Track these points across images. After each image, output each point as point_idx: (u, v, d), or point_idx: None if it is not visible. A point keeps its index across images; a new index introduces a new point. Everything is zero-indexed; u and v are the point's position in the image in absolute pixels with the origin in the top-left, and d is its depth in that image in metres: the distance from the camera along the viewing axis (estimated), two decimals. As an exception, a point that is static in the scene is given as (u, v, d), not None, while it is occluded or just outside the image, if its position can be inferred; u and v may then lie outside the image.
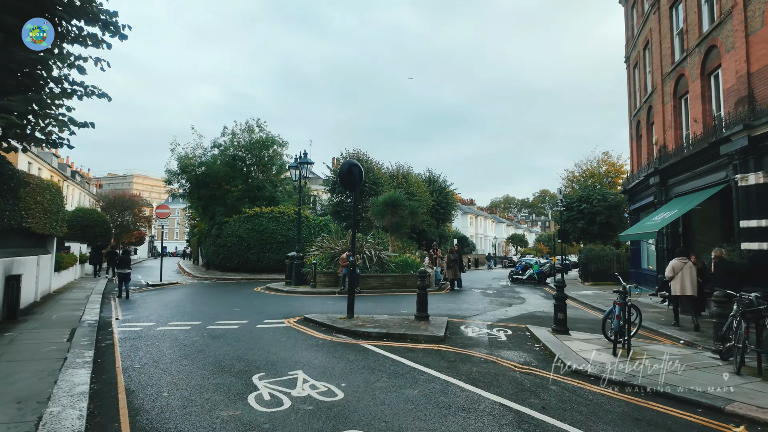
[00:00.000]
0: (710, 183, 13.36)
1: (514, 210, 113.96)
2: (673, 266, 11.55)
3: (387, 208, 18.30)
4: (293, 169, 17.40)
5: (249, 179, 27.40)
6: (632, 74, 21.57)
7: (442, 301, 14.08)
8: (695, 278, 11.24)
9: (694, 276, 11.29)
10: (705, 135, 13.79)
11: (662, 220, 13.78)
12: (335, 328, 8.75)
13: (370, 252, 16.91)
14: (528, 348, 7.85)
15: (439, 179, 37.34)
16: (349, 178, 9.62)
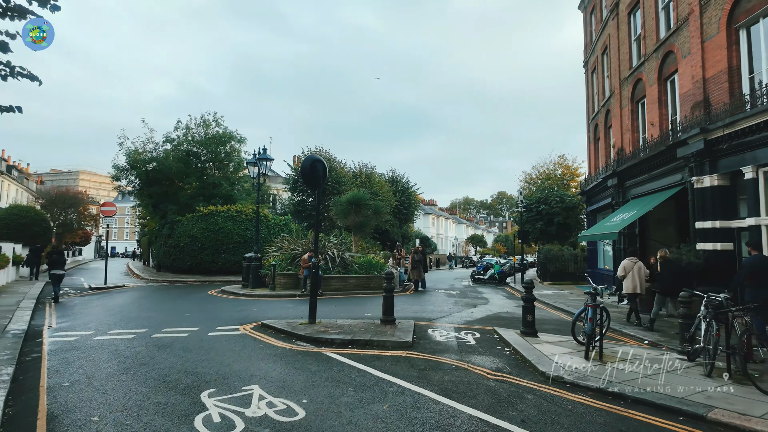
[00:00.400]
0: (667, 185, 13.67)
1: (474, 211, 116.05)
2: (624, 266, 11.73)
3: (351, 208, 17.72)
4: (251, 165, 16.49)
5: (204, 176, 26.01)
6: (590, 79, 22.07)
7: (407, 303, 13.67)
8: (644, 278, 11.46)
9: (643, 275, 11.49)
10: (662, 138, 14.10)
11: (622, 221, 13.98)
12: (295, 334, 8.11)
13: (333, 252, 16.28)
14: (498, 352, 7.53)
15: (402, 179, 37.11)
16: (312, 174, 8.99)
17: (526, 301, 8.63)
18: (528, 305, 8.61)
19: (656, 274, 11.48)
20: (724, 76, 11.48)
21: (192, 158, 25.83)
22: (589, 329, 6.60)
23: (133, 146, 25.22)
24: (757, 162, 10.39)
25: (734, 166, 11.07)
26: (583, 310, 7.75)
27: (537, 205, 27.29)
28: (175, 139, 26.02)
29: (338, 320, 9.65)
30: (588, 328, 6.60)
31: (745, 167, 10.67)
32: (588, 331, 6.59)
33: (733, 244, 11.51)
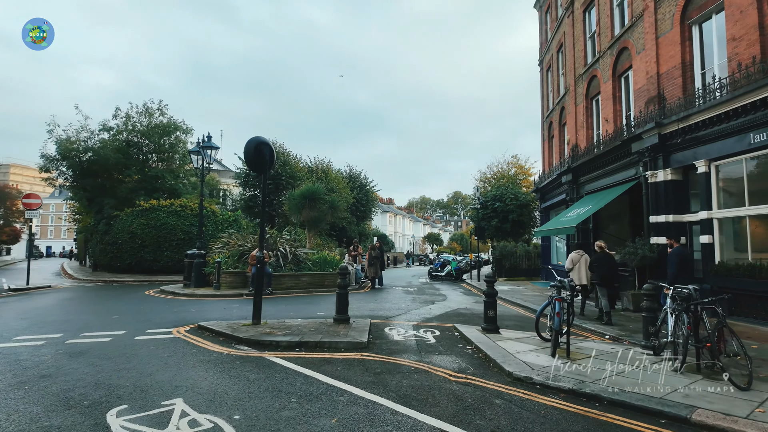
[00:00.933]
0: (621, 180, 13.71)
1: (430, 210, 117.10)
2: (571, 259, 11.80)
3: (305, 202, 16.72)
4: (194, 154, 15.15)
5: (146, 168, 24.06)
6: (545, 77, 22.24)
7: (363, 301, 12.91)
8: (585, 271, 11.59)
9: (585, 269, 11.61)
10: (616, 134, 14.15)
11: (578, 215, 13.90)
12: (236, 337, 7.14)
13: (285, 249, 15.25)
14: (460, 351, 6.92)
15: (360, 176, 36.32)
16: (257, 158, 8.03)
17: (488, 296, 8.10)
18: (490, 300, 8.09)
19: (594, 265, 11.50)
20: (678, 72, 11.53)
21: (133, 149, 23.82)
22: (556, 325, 6.11)
23: (65, 134, 22.90)
24: (709, 156, 10.44)
25: (687, 160, 11.12)
26: (547, 304, 7.30)
27: (492, 202, 27.33)
28: (113, 127, 23.90)
29: (287, 320, 8.73)
30: (556, 323, 6.11)
31: (698, 161, 10.72)
32: (556, 326, 6.10)
33: (685, 238, 11.59)
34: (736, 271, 9.68)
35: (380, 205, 58.73)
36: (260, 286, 8.21)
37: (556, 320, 6.11)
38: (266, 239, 15.42)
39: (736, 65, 9.69)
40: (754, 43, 9.42)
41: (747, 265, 9.48)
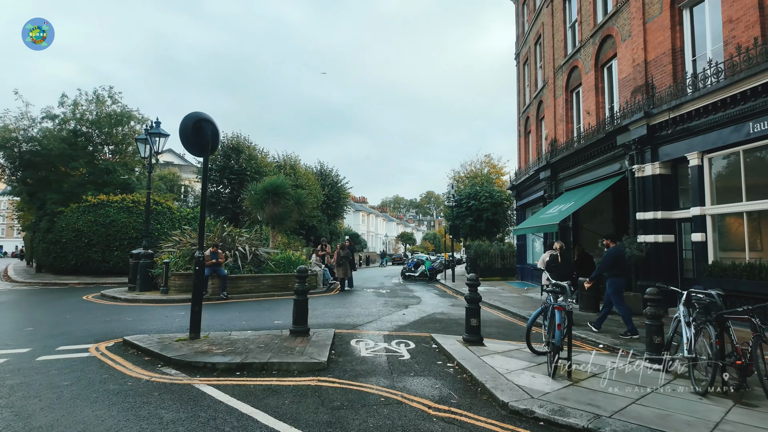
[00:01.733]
0: (605, 175, 12.88)
1: (403, 210, 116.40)
2: (543, 258, 11.35)
3: (267, 197, 15.19)
4: (141, 142, 13.43)
5: (96, 161, 21.92)
6: (522, 71, 21.43)
7: (330, 306, 11.56)
8: None
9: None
10: (599, 127, 13.31)
11: (559, 212, 12.98)
12: (164, 357, 5.69)
13: (244, 248, 13.72)
14: (440, 370, 5.70)
15: (331, 173, 34.81)
16: (196, 137, 6.58)
17: (471, 302, 6.92)
18: (473, 307, 6.91)
19: (551, 266, 10.96)
20: (667, 58, 10.70)
21: (81, 139, 21.60)
22: (557, 340, 4.97)
23: (1, 122, 20.53)
24: (703, 147, 9.61)
25: (678, 153, 10.29)
26: (540, 312, 6.19)
27: (467, 200, 26.46)
28: (59, 116, 21.64)
29: (234, 333, 7.31)
30: (557, 338, 4.96)
31: (689, 153, 9.88)
32: (557, 342, 4.96)
33: (674, 236, 10.79)
34: (732, 272, 8.86)
35: (353, 203, 57.34)
36: (198, 291, 6.76)
37: (557, 334, 4.97)
38: (223, 237, 13.88)
39: (734, 48, 8.87)
40: (753, 24, 8.62)
41: (745, 265, 8.66)
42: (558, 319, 5.05)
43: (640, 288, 10.92)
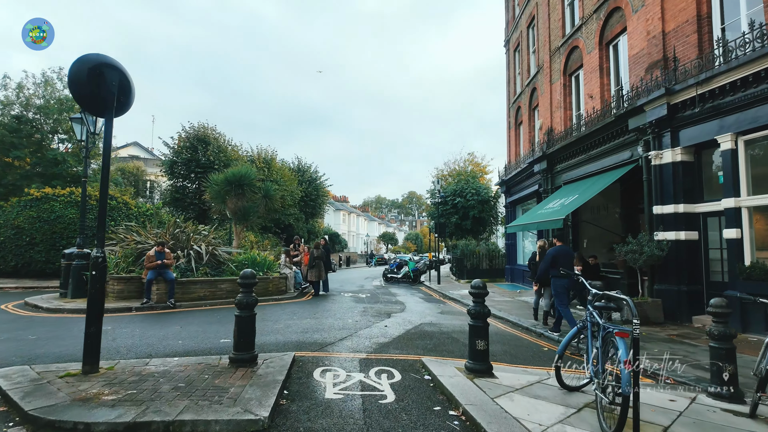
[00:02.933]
0: (612, 165, 11.29)
1: (385, 210, 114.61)
2: None
3: (231, 188, 13.14)
4: (77, 122, 11.24)
5: (44, 151, 19.43)
6: (513, 58, 19.86)
7: (297, 315, 9.62)
8: None
9: None
10: (604, 111, 11.74)
11: (562, 206, 11.34)
12: (20, 410, 3.69)
13: (200, 247, 11.66)
14: (440, 426, 3.85)
15: (309, 169, 32.68)
16: (93, 88, 4.59)
17: (476, 317, 5.10)
18: (479, 325, 5.09)
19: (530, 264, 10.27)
20: (691, 27, 9.12)
21: (25, 126, 19.10)
22: (626, 383, 3.16)
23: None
24: (738, 128, 8.01)
25: (704, 135, 8.71)
26: (575, 335, 4.45)
27: (452, 197, 24.78)
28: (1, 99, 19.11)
29: (154, 361, 5.30)
30: (624, 380, 3.16)
31: (721, 135, 8.29)
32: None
33: (698, 233, 9.23)
34: (779, 275, 7.32)
35: (333, 202, 55.29)
36: (94, 303, 4.75)
37: (624, 377, 3.17)
38: (175, 234, 11.79)
39: (783, 7, 7.32)
40: (807, -23, 7.09)
41: (797, 266, 7.13)
42: (623, 352, 3.27)
43: (658, 293, 9.35)
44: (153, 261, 10.09)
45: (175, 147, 23.23)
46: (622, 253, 9.44)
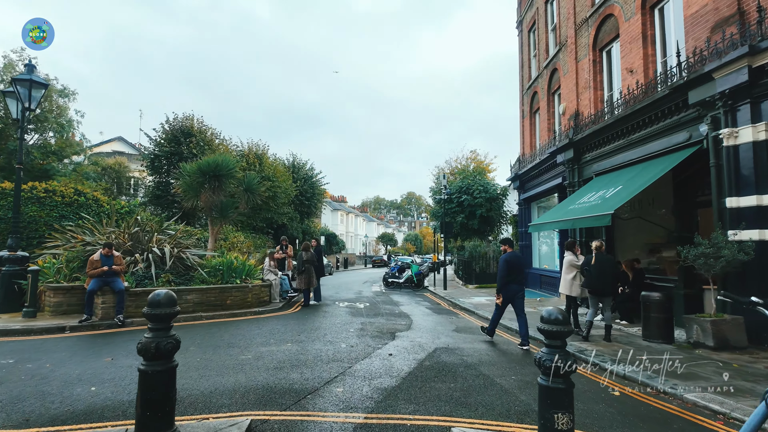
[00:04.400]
0: (661, 150, 9.19)
1: (384, 210, 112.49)
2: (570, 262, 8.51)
3: (205, 180, 10.99)
4: (10, 97, 9.06)
5: (4, 142, 17.27)
6: (527, 39, 17.77)
7: (276, 337, 7.48)
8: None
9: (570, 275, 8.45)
10: (648, 87, 9.68)
11: (603, 200, 9.25)
12: None
13: (162, 249, 9.52)
14: None
15: (304, 166, 30.53)
16: None
17: (556, 374, 2.95)
18: (561, 388, 2.93)
19: (585, 269, 7.98)
20: (781, -32, 7.05)
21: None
22: None
23: None
24: None
25: (804, 104, 6.64)
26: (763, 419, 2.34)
27: (458, 195, 22.70)
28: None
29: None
30: None
31: (833, 102, 6.23)
32: None
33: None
34: None
35: (330, 202, 53.19)
36: None
37: None
38: (133, 233, 9.65)
39: None
40: None
41: None
42: None
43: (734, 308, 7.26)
44: (97, 267, 7.96)
45: (157, 139, 21.08)
46: (690, 258, 7.34)
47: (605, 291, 7.63)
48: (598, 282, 7.59)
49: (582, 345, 7.20)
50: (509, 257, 7.51)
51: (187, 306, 9.06)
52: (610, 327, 7.62)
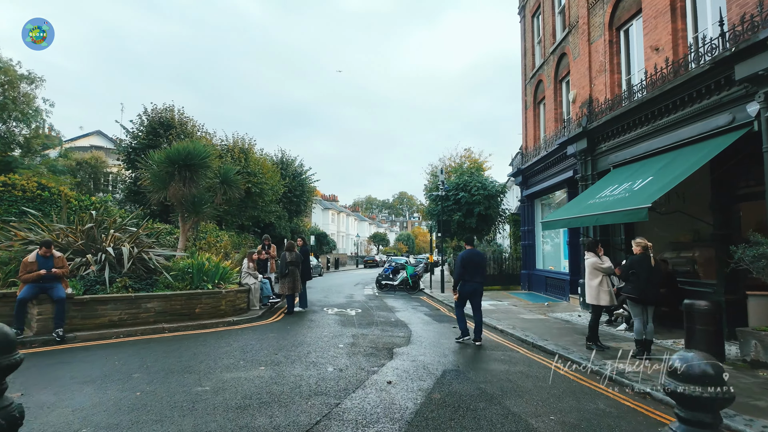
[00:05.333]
0: (696, 136, 7.96)
1: (376, 210, 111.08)
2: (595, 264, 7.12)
3: (174, 170, 9.50)
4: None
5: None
6: (530, 25, 16.52)
7: (247, 358, 6.09)
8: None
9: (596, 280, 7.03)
10: (677, 67, 8.48)
11: (631, 193, 8.01)
12: None
13: (119, 249, 8.06)
14: None
15: (293, 163, 29.06)
16: None
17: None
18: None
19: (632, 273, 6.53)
20: None
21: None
22: None
23: None
24: None
25: None
26: None
27: (455, 192, 21.39)
28: None
29: None
30: None
31: None
32: None
33: None
34: None
35: (321, 201, 51.72)
36: None
37: None
38: (86, 230, 8.20)
39: None
40: None
41: None
42: None
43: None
44: (33, 270, 6.50)
45: (134, 132, 19.52)
46: (746, 260, 6.10)
47: (654, 298, 6.36)
48: (648, 288, 6.30)
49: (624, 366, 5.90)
50: (466, 254, 7.50)
51: (147, 316, 7.62)
52: (652, 342, 6.36)
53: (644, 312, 6.39)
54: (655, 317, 8.26)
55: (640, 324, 6.35)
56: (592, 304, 7.07)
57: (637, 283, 6.49)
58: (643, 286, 6.43)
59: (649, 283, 6.40)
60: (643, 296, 6.42)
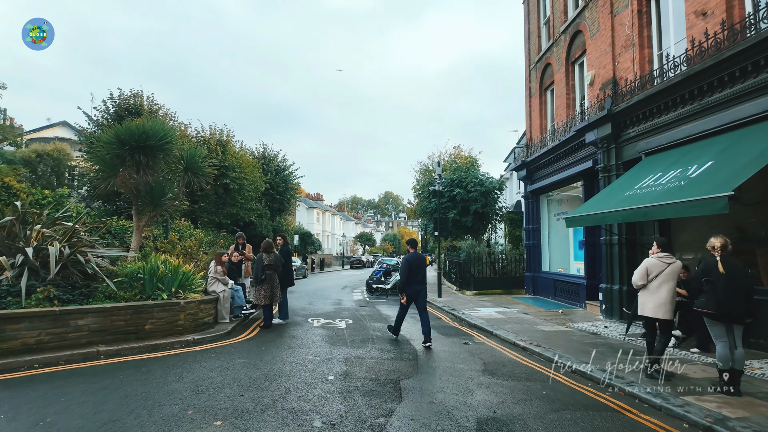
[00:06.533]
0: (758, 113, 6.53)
1: (362, 210, 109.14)
2: (648, 268, 5.44)
3: (127, 153, 7.61)
4: None
5: None
6: (536, 5, 15.03)
7: (199, 399, 4.35)
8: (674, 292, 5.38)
9: (674, 287, 5.36)
10: (735, 30, 7.04)
11: (687, 180, 6.50)
12: None
13: (47, 249, 6.21)
14: None
15: (276, 158, 27.15)
16: None
17: None
18: None
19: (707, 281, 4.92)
20: None
21: None
22: None
23: None
24: None
25: None
26: None
27: (450, 189, 19.88)
28: None
29: None
30: None
31: None
32: None
33: None
34: None
35: (305, 199, 49.76)
36: None
37: None
38: (5, 225, 6.32)
39: None
40: None
41: None
42: None
43: None
44: None
45: (99, 120, 17.44)
46: None
47: (739, 314, 4.79)
48: (732, 300, 4.74)
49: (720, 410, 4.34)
50: (411, 258, 7.57)
51: (78, 337, 5.79)
52: (741, 373, 4.82)
53: (729, 332, 4.84)
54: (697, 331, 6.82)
55: (725, 347, 4.79)
56: (652, 316, 5.45)
57: (713, 294, 4.92)
58: (721, 298, 4.86)
59: (729, 294, 4.84)
60: (723, 311, 4.85)
